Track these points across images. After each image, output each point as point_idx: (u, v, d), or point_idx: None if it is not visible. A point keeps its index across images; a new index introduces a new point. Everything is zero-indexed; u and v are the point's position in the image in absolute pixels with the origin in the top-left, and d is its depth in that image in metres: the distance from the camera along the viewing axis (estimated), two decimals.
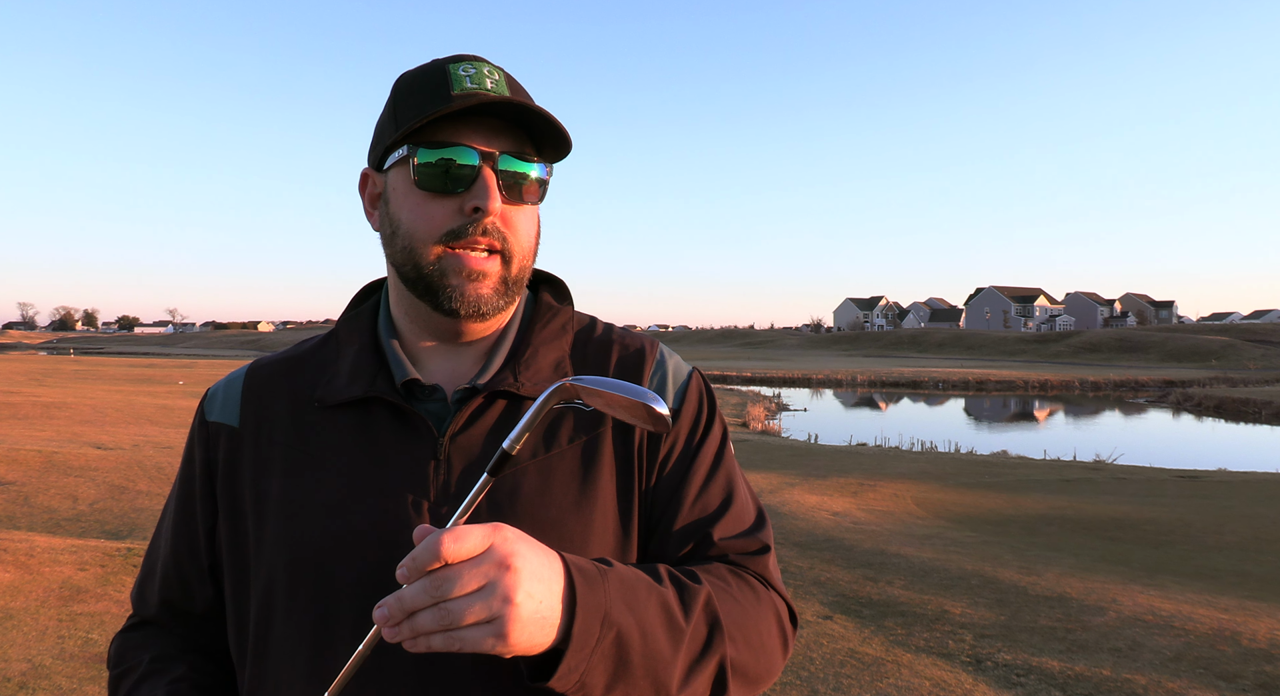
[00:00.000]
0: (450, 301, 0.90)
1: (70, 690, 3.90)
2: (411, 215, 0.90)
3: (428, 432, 0.90)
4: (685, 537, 0.94)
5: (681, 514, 0.94)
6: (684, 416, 0.98)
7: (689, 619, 0.82)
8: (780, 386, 42.01)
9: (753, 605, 0.90)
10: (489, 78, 0.90)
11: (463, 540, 0.69)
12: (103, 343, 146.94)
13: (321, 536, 0.88)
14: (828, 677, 4.32)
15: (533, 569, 0.72)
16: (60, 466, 9.69)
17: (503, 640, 0.69)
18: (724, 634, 0.84)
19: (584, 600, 0.74)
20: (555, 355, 0.98)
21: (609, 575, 0.78)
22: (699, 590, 0.84)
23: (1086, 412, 31.33)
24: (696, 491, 0.95)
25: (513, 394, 0.93)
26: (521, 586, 0.70)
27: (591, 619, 0.74)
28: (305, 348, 1.03)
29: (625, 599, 0.78)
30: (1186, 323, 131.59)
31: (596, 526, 0.90)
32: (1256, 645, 4.76)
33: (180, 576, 1.00)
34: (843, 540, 7.44)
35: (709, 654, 0.83)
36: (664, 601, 0.81)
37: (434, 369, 0.97)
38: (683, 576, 0.86)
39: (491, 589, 0.69)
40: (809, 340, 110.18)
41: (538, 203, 0.95)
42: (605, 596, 0.76)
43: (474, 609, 0.69)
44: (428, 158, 0.88)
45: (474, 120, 0.90)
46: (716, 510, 0.96)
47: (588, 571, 0.77)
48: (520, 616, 0.70)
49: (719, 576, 0.90)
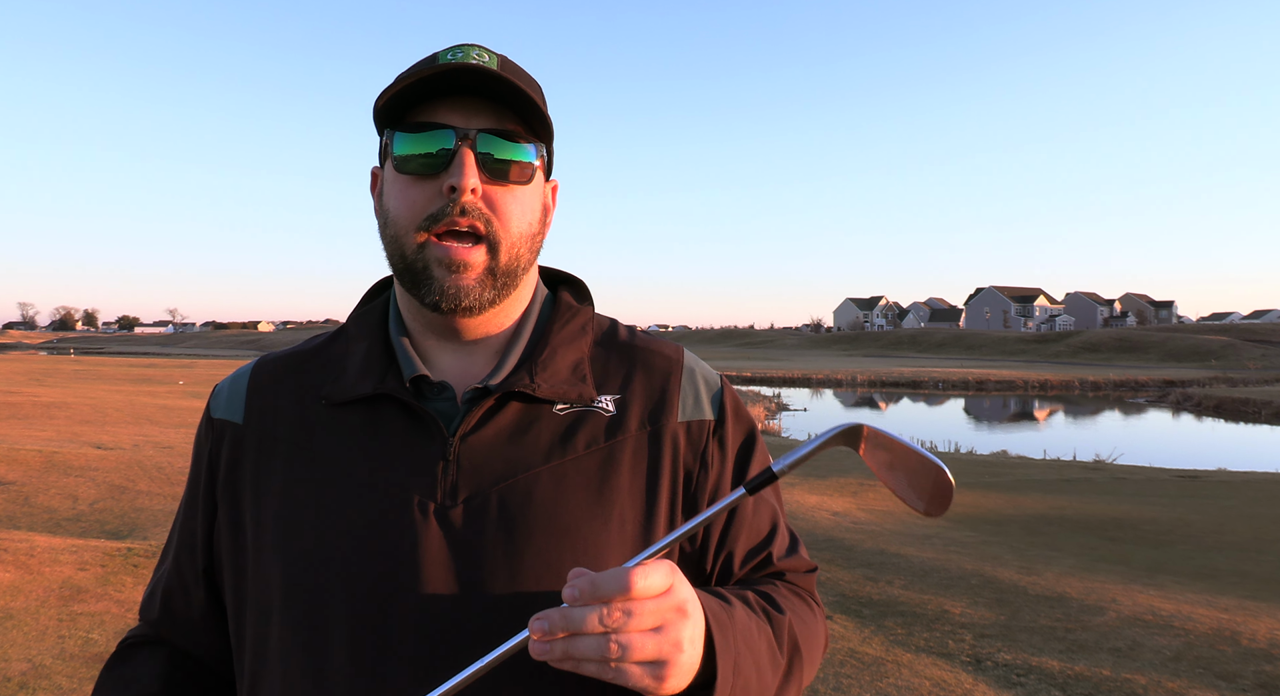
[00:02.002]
0: (432, 294, 0.87)
1: (70, 690, 3.90)
2: (396, 202, 0.88)
3: (438, 432, 0.87)
4: (748, 558, 0.95)
5: (746, 533, 0.95)
6: (728, 430, 0.96)
7: (783, 651, 0.86)
8: (780, 386, 42.00)
9: (813, 623, 0.94)
10: (475, 58, 0.86)
11: (650, 577, 0.69)
12: (103, 343, 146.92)
13: (322, 535, 0.85)
14: (828, 677, 4.32)
15: (696, 617, 0.73)
16: (60, 466, 9.69)
17: (660, 682, 0.70)
18: (802, 658, 0.89)
19: (721, 647, 0.75)
20: (574, 357, 0.94)
21: (735, 618, 0.80)
22: (784, 620, 0.88)
23: (1086, 412, 31.34)
24: (751, 511, 0.96)
25: (529, 395, 0.89)
26: (688, 633, 0.71)
27: (727, 668, 0.76)
28: (313, 344, 1.01)
29: (747, 642, 0.80)
30: (1186, 323, 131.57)
31: (614, 535, 0.87)
32: (1256, 645, 4.76)
33: (180, 579, 0.98)
34: (843, 540, 7.44)
35: (791, 680, 0.87)
36: (769, 639, 0.84)
37: (443, 367, 0.93)
38: (769, 606, 0.89)
39: (665, 632, 0.70)
40: (809, 340, 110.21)
41: (527, 183, 0.90)
42: (736, 642, 0.78)
43: (646, 648, 0.69)
44: (404, 140, 0.87)
45: (455, 100, 0.87)
46: (770, 531, 0.97)
47: (720, 618, 0.78)
48: (682, 662, 0.71)
49: (788, 600, 0.93)
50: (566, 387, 0.90)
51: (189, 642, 0.99)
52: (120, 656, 1.01)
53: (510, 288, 0.91)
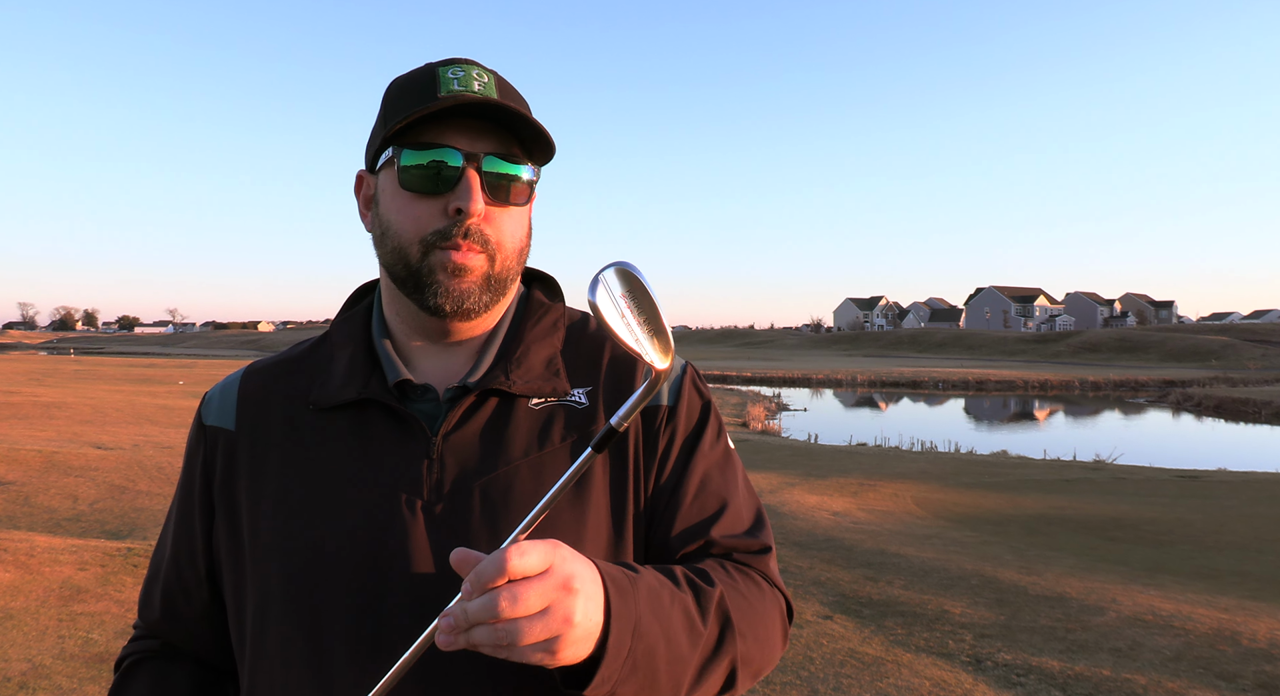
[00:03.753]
0: (435, 298, 0.91)
1: (70, 690, 3.90)
2: (399, 216, 0.91)
3: (420, 432, 0.91)
4: (687, 537, 0.95)
5: (681, 513, 0.95)
6: (679, 413, 0.98)
7: (706, 621, 0.84)
8: (780, 386, 42.00)
9: (758, 600, 0.92)
10: (477, 80, 0.90)
11: (526, 556, 0.70)
12: (103, 343, 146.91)
13: (316, 537, 0.89)
14: (828, 677, 4.32)
15: (587, 589, 0.73)
16: (60, 466, 9.70)
17: (552, 656, 0.71)
18: (735, 631, 0.87)
19: (618, 612, 0.76)
20: (547, 352, 0.98)
21: (639, 584, 0.80)
22: (713, 592, 0.87)
23: (1086, 412, 31.35)
24: (695, 490, 0.96)
25: (505, 392, 0.93)
26: (579, 607, 0.72)
27: (624, 631, 0.76)
28: (299, 350, 1.04)
29: (653, 607, 0.80)
30: (1186, 323, 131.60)
31: (590, 524, 0.91)
32: (1256, 645, 4.77)
33: (180, 582, 1.01)
34: (843, 540, 7.44)
35: (722, 652, 0.86)
36: (685, 606, 0.83)
37: (426, 369, 0.97)
38: (696, 578, 0.88)
39: (552, 611, 0.70)
40: (809, 340, 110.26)
41: (524, 204, 0.95)
42: (636, 607, 0.78)
43: (534, 629, 0.70)
44: (412, 159, 0.90)
45: (460, 122, 0.91)
46: (716, 510, 0.96)
47: (620, 583, 0.78)
48: (574, 636, 0.71)
49: (727, 573, 0.92)
50: (540, 383, 0.95)
51: (191, 643, 1.03)
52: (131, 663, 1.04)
53: (501, 294, 0.96)
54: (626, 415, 0.74)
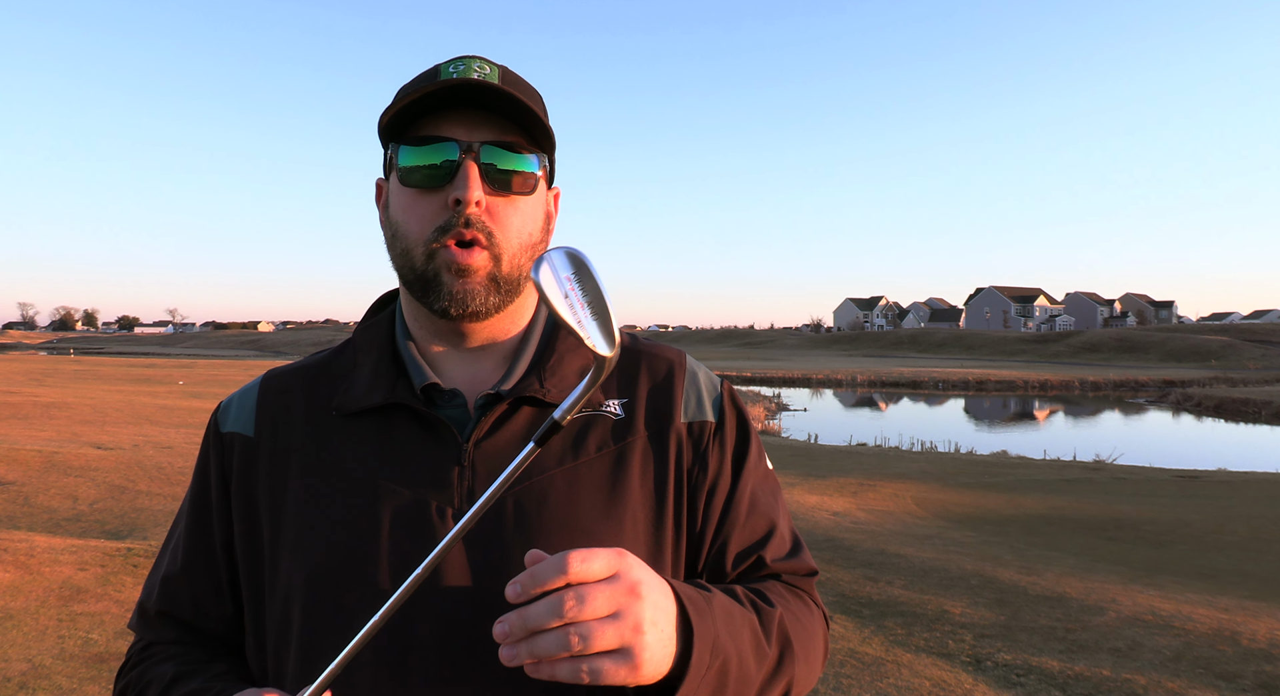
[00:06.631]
0: (440, 299, 0.89)
1: (70, 690, 3.90)
2: (404, 215, 0.90)
3: (451, 438, 0.89)
4: (741, 558, 0.95)
5: (736, 534, 0.95)
6: (726, 431, 0.98)
7: (770, 642, 0.85)
8: (780, 386, 41.99)
9: (809, 622, 0.93)
10: (477, 71, 0.88)
11: (590, 561, 0.68)
12: (103, 342, 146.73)
13: (340, 546, 0.86)
14: (828, 677, 4.32)
15: (654, 598, 0.71)
16: (60, 466, 9.69)
17: (635, 671, 0.68)
18: (794, 654, 0.87)
19: (698, 630, 0.74)
20: (581, 362, 0.96)
21: (714, 603, 0.79)
22: (775, 613, 0.87)
23: (1086, 412, 31.35)
24: (746, 512, 0.96)
25: (540, 400, 0.91)
26: (648, 615, 0.70)
27: (704, 648, 0.75)
28: (321, 356, 1.02)
29: (727, 626, 0.79)
30: (1186, 323, 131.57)
31: (627, 535, 0.89)
32: (1256, 645, 4.76)
33: (193, 594, 0.96)
34: (843, 540, 7.44)
35: (781, 674, 0.86)
36: (752, 626, 0.83)
37: (452, 375, 0.95)
38: (757, 598, 0.88)
39: (622, 616, 0.68)
40: (809, 340, 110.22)
41: (530, 194, 0.92)
42: (715, 625, 0.77)
43: (606, 635, 0.67)
44: (409, 153, 0.89)
45: (458, 113, 0.89)
46: (766, 532, 0.97)
47: (696, 600, 0.77)
48: (650, 646, 0.69)
49: (781, 596, 0.92)
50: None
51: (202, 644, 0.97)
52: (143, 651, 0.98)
53: (514, 294, 0.93)
54: (570, 408, 0.71)
